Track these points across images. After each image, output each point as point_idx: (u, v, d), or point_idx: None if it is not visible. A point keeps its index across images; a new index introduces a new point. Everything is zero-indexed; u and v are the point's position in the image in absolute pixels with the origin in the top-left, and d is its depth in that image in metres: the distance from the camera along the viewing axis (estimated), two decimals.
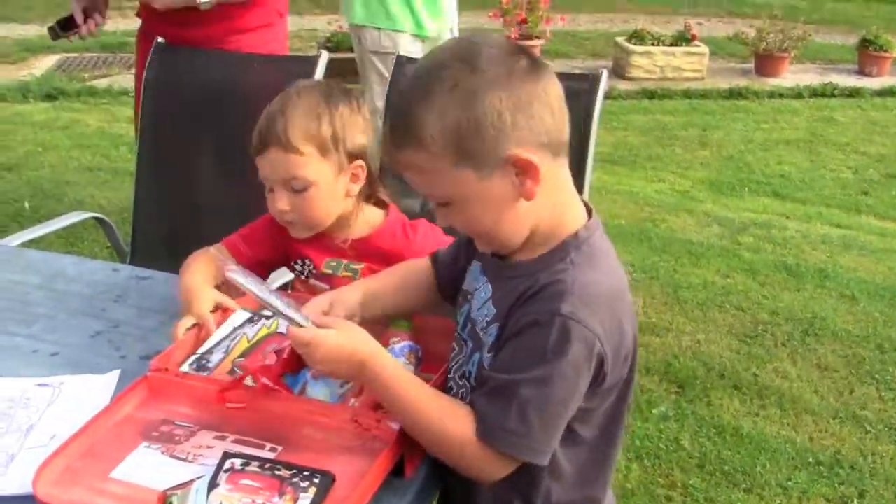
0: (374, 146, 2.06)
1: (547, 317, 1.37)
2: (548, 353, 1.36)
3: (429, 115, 1.36)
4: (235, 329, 1.84)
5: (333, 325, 1.50)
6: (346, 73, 7.96)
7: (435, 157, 1.38)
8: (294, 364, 1.60)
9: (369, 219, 2.11)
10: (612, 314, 1.43)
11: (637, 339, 1.53)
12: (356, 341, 1.48)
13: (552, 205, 1.46)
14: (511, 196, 1.41)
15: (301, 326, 1.49)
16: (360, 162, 2.03)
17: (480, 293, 1.57)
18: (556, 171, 1.44)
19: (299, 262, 2.15)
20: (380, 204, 2.14)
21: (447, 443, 1.44)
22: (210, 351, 1.78)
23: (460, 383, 1.60)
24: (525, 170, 1.38)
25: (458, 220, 1.48)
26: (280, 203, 1.99)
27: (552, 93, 1.41)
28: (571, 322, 1.36)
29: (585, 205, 1.53)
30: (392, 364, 1.49)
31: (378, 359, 1.47)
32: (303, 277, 2.15)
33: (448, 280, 1.77)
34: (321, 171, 1.98)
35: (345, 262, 2.10)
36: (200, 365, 1.75)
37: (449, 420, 1.43)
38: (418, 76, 1.43)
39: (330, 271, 2.10)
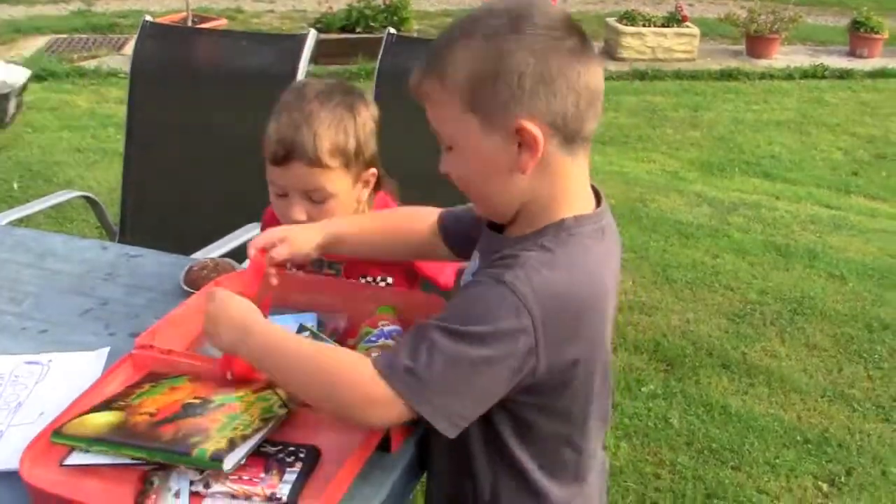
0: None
1: (488, 280, 1.33)
2: (476, 312, 1.31)
3: (458, 53, 1.35)
4: None
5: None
6: (334, 54, 7.99)
7: (449, 96, 1.37)
8: None
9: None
10: (563, 312, 1.34)
11: (605, 353, 1.47)
12: (245, 306, 1.51)
13: (551, 190, 1.41)
14: (506, 163, 1.37)
15: None
16: (373, 170, 2.02)
17: (470, 266, 1.57)
18: (564, 159, 1.39)
19: None
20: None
21: (341, 382, 1.37)
22: None
23: None
24: (526, 142, 1.35)
25: (454, 169, 1.45)
26: (297, 213, 1.94)
27: (585, 81, 1.36)
28: (508, 292, 1.30)
29: (598, 198, 1.48)
30: (280, 328, 1.49)
31: (267, 324, 1.49)
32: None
33: (460, 235, 1.73)
34: (343, 183, 1.95)
35: (328, 260, 2.08)
36: None
37: (345, 363, 1.40)
38: (469, 17, 1.41)
39: (313, 269, 2.09)
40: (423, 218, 1.81)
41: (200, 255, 2.47)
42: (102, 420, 1.47)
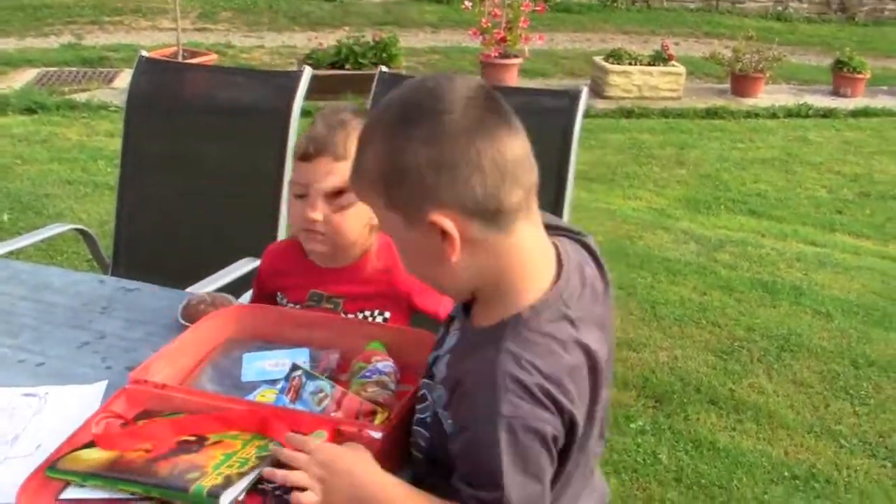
0: None
1: (489, 423, 1.32)
2: (507, 462, 1.31)
3: (368, 154, 1.36)
4: None
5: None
6: (323, 90, 8.00)
7: (372, 194, 1.37)
8: None
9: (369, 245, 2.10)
10: (562, 395, 1.35)
11: (599, 400, 1.48)
12: (357, 467, 1.44)
13: (496, 269, 1.39)
14: (435, 253, 1.36)
15: None
16: None
17: (449, 341, 1.54)
18: (497, 237, 1.36)
19: (278, 294, 2.16)
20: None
21: None
22: None
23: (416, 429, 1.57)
24: (443, 234, 1.34)
25: (401, 259, 1.48)
26: (314, 212, 1.95)
27: (491, 156, 1.31)
28: (516, 422, 1.31)
29: (560, 263, 1.45)
30: (383, 480, 1.44)
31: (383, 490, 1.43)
32: None
33: None
34: None
35: (326, 294, 2.09)
36: None
37: None
38: (378, 108, 1.42)
39: (312, 303, 2.10)
40: None
41: (197, 288, 2.48)
42: (97, 455, 1.48)
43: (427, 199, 1.32)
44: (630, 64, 9.08)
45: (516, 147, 1.34)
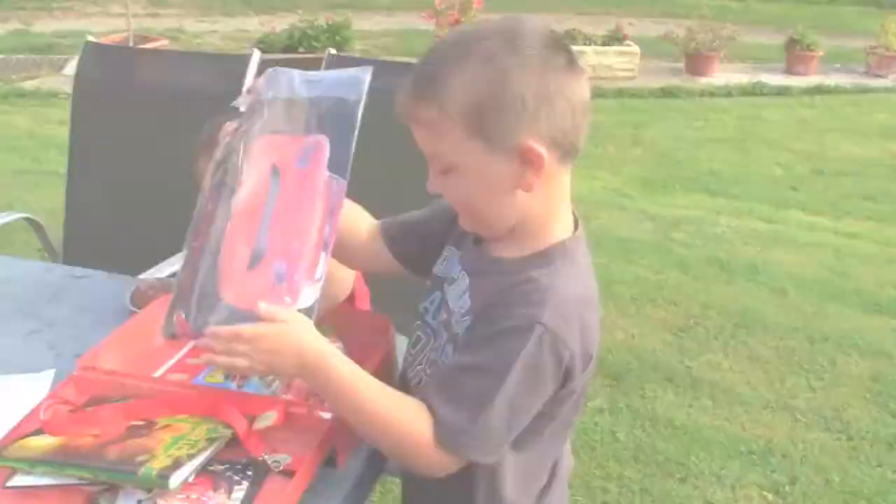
0: None
1: (525, 323, 1.35)
2: (520, 361, 1.34)
3: (458, 79, 1.33)
4: None
5: (276, 315, 1.39)
6: None
7: (451, 121, 1.34)
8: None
9: None
10: (585, 325, 1.41)
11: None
12: (302, 337, 1.38)
13: (546, 205, 1.44)
14: (510, 183, 1.38)
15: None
16: None
17: (458, 284, 1.53)
18: (559, 173, 1.42)
19: None
20: None
21: (404, 445, 1.40)
22: None
23: (429, 372, 1.56)
24: (531, 161, 1.36)
25: (452, 191, 1.44)
26: None
27: (578, 95, 1.38)
28: (549, 335, 1.34)
29: (574, 215, 1.52)
30: (341, 363, 1.40)
31: (326, 358, 1.38)
32: None
33: (411, 249, 1.70)
34: None
35: None
36: None
37: (405, 422, 1.39)
38: (457, 40, 1.40)
39: None
40: (363, 217, 1.73)
41: (148, 275, 2.45)
42: (45, 442, 1.46)
43: (524, 127, 1.34)
44: (585, 44, 9.11)
45: (588, 92, 1.41)
